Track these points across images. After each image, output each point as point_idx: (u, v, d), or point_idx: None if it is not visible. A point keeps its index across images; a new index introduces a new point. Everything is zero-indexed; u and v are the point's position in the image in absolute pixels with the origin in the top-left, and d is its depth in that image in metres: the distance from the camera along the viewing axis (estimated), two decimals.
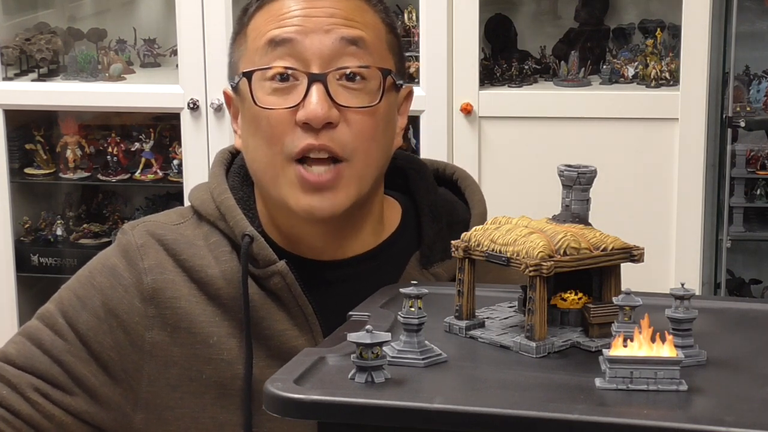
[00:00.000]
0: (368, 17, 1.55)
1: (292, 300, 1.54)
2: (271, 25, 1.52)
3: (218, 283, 1.55)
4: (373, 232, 1.60)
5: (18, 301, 3.65)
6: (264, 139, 1.51)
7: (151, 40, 3.82)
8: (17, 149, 3.69)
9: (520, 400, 1.10)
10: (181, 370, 1.55)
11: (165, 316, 1.55)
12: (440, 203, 1.63)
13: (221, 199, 1.58)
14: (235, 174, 1.63)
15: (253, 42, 1.54)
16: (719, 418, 1.04)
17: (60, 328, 1.57)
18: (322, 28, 1.50)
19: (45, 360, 1.56)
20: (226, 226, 1.57)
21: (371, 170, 1.53)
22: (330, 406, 1.09)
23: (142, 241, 1.58)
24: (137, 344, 1.55)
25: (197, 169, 3.47)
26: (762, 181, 3.56)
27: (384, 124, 1.54)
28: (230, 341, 1.54)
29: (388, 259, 1.59)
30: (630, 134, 3.32)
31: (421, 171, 1.67)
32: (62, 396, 1.56)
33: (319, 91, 1.48)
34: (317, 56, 1.50)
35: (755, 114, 3.47)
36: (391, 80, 1.54)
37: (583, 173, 1.29)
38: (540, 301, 1.20)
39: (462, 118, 3.35)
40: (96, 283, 1.58)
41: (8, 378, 1.56)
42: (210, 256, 1.57)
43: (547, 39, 3.68)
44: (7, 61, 3.65)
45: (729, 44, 3.41)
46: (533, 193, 2.83)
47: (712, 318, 1.32)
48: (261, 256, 1.54)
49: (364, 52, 1.51)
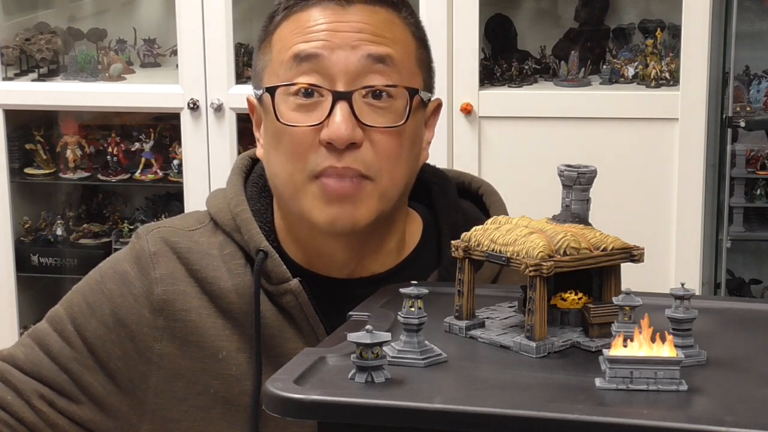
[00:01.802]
0: (398, 32, 1.50)
1: (304, 319, 1.52)
2: (297, 38, 1.47)
3: (230, 296, 1.53)
4: (396, 249, 1.57)
5: (18, 301, 3.64)
6: (286, 155, 1.47)
7: (151, 40, 3.82)
8: (17, 149, 3.69)
9: (520, 400, 1.10)
10: (188, 383, 1.53)
11: (174, 329, 1.53)
12: (461, 222, 1.58)
13: (237, 210, 1.55)
14: (254, 184, 1.60)
15: (278, 54, 1.49)
16: (719, 418, 1.04)
17: (68, 335, 1.56)
18: (349, 43, 1.46)
19: (52, 367, 1.55)
20: (241, 238, 1.54)
21: (396, 189, 1.49)
22: (330, 406, 1.09)
23: (155, 249, 1.55)
24: (145, 355, 1.54)
25: (197, 169, 3.47)
26: (762, 181, 3.56)
27: (410, 143, 1.50)
28: (240, 356, 1.52)
29: (408, 277, 1.49)
30: (630, 134, 3.32)
31: (444, 187, 1.63)
32: (68, 404, 1.55)
33: (344, 109, 1.44)
34: (343, 73, 1.45)
35: (755, 114, 3.46)
36: (418, 99, 1.49)
37: (583, 173, 1.29)
38: (540, 301, 1.20)
39: (462, 118, 3.35)
40: (106, 290, 1.56)
41: (14, 383, 1.55)
42: (224, 267, 1.54)
43: (547, 39, 3.68)
44: (7, 61, 3.65)
45: (729, 44, 3.41)
46: (533, 193, 2.82)
47: (712, 318, 1.32)
48: (275, 273, 1.52)
49: (392, 70, 1.47)
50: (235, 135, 3.45)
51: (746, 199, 3.53)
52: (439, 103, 1.58)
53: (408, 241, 1.59)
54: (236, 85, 3.45)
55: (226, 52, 3.41)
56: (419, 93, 1.50)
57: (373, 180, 1.46)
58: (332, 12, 1.47)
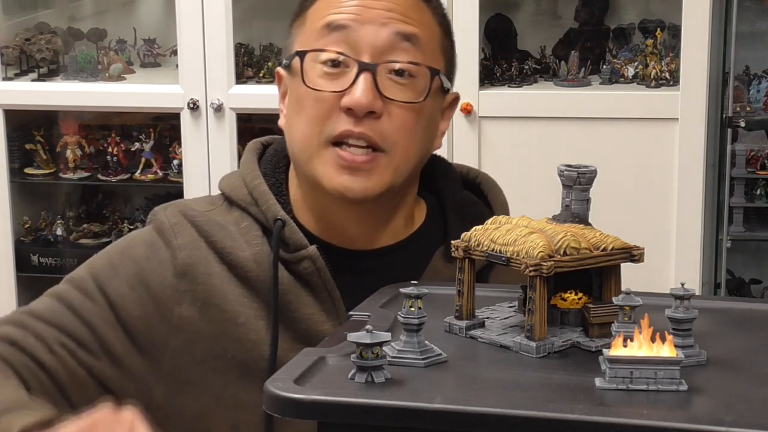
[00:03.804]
0: (425, 17, 1.57)
1: (321, 285, 1.56)
2: (330, 9, 1.54)
3: (249, 265, 1.56)
4: (404, 224, 1.62)
5: (18, 301, 3.64)
6: (307, 119, 1.53)
7: (151, 40, 3.82)
8: (17, 149, 3.69)
9: (520, 400, 1.10)
10: (207, 346, 1.56)
11: (196, 291, 1.56)
12: (466, 202, 1.66)
13: (254, 184, 1.60)
14: (267, 162, 1.65)
15: (311, 24, 1.56)
16: (719, 418, 1.04)
17: (90, 292, 1.57)
18: (379, 20, 1.52)
19: (74, 320, 1.55)
20: (258, 210, 1.59)
21: (408, 164, 1.55)
22: (330, 406, 1.09)
23: (175, 220, 1.60)
24: (166, 317, 1.56)
25: (197, 169, 3.47)
26: (762, 181, 3.56)
27: (426, 123, 1.56)
28: (258, 322, 1.56)
29: (415, 251, 1.61)
30: (630, 134, 3.32)
31: (448, 171, 1.70)
32: (87, 357, 1.55)
33: (367, 80, 1.50)
34: (370, 46, 1.52)
35: (755, 114, 3.47)
36: (438, 82, 1.56)
37: (583, 173, 1.29)
38: (540, 301, 1.20)
39: (462, 118, 3.35)
40: (133, 253, 1.59)
41: (37, 330, 1.54)
42: (241, 239, 1.58)
43: (547, 39, 3.68)
44: (7, 61, 3.65)
45: (729, 44, 3.41)
46: (533, 193, 2.82)
47: (712, 318, 1.32)
48: (292, 240, 1.56)
49: (416, 50, 1.53)
50: (235, 135, 3.45)
51: (746, 199, 3.53)
52: (456, 97, 1.66)
53: (416, 219, 1.65)
54: (236, 85, 3.45)
55: (226, 52, 3.41)
56: (440, 75, 1.56)
57: (387, 153, 1.52)
58: None
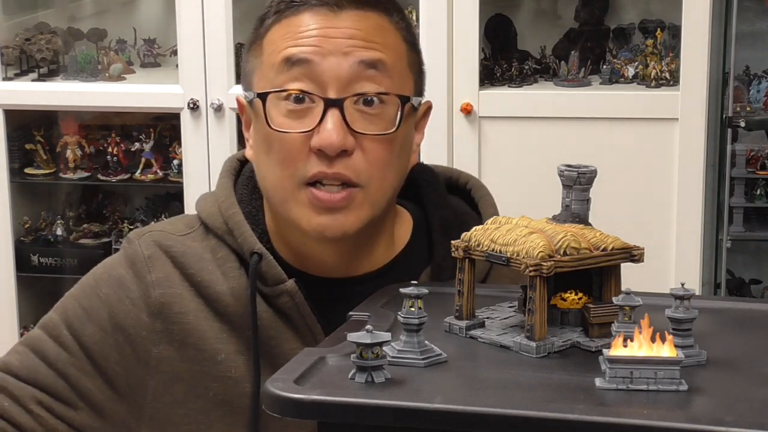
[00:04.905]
0: (389, 37, 1.49)
1: (301, 320, 1.52)
2: (288, 41, 1.47)
3: (226, 299, 1.52)
4: (385, 248, 1.57)
5: (18, 301, 3.64)
6: (277, 161, 1.47)
7: (151, 40, 3.82)
8: (17, 149, 3.68)
9: (520, 400, 1.10)
10: (187, 386, 1.53)
11: (172, 332, 1.52)
12: (451, 217, 1.59)
13: (229, 213, 1.55)
14: (244, 185, 1.59)
15: (269, 56, 1.49)
16: (719, 418, 1.04)
17: (65, 341, 1.54)
18: (341, 50, 1.45)
19: (49, 373, 1.54)
20: (234, 241, 1.54)
21: (385, 195, 1.50)
22: (330, 406, 1.09)
23: (149, 252, 1.55)
24: (143, 359, 1.53)
25: (197, 169, 3.47)
26: (762, 181, 3.55)
27: (400, 150, 1.50)
28: (238, 359, 1.52)
29: (399, 276, 1.51)
30: (630, 134, 3.32)
31: (432, 182, 1.63)
32: (66, 410, 1.54)
33: (335, 117, 1.44)
34: (334, 79, 1.45)
35: (755, 114, 3.46)
36: (409, 106, 1.50)
37: (583, 173, 1.29)
38: (540, 301, 1.20)
39: (462, 118, 3.35)
40: (102, 294, 1.55)
41: (10, 390, 1.53)
42: (218, 271, 1.53)
43: (547, 39, 3.68)
44: (7, 61, 3.65)
45: (729, 44, 3.41)
46: (533, 193, 2.83)
47: (712, 318, 1.32)
48: (270, 274, 1.52)
49: (383, 76, 1.47)
50: (235, 135, 3.45)
51: (746, 199, 3.53)
52: (429, 106, 1.58)
53: (397, 239, 1.59)
54: (236, 85, 3.45)
55: (226, 52, 3.41)
56: (410, 100, 1.50)
57: (363, 188, 1.46)
58: (323, 17, 1.47)
